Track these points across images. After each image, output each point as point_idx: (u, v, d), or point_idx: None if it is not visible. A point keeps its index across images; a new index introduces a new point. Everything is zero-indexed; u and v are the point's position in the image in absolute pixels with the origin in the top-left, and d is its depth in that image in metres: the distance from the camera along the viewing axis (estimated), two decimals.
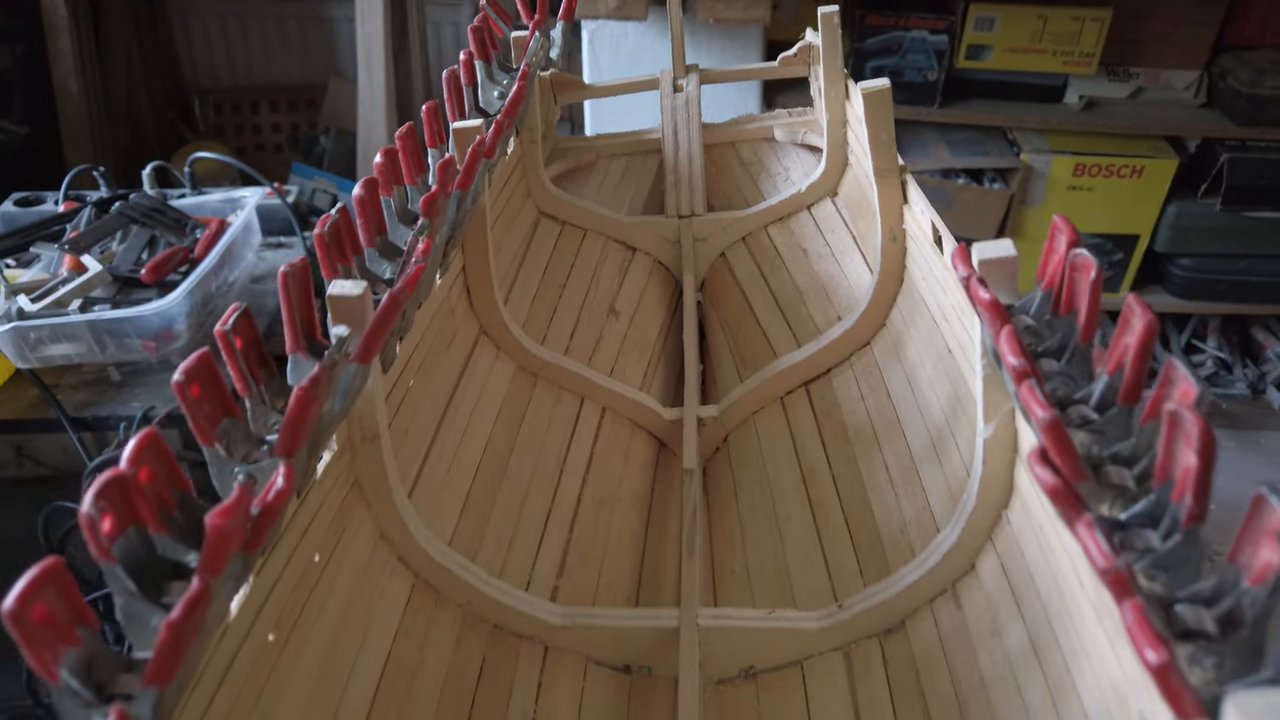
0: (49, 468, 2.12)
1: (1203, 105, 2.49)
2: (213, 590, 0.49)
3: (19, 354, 1.26)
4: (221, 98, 3.21)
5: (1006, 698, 0.74)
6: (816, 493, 1.08)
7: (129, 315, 1.23)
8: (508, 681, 0.88)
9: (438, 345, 1.02)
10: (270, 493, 0.56)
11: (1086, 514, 0.52)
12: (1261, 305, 2.63)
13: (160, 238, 1.41)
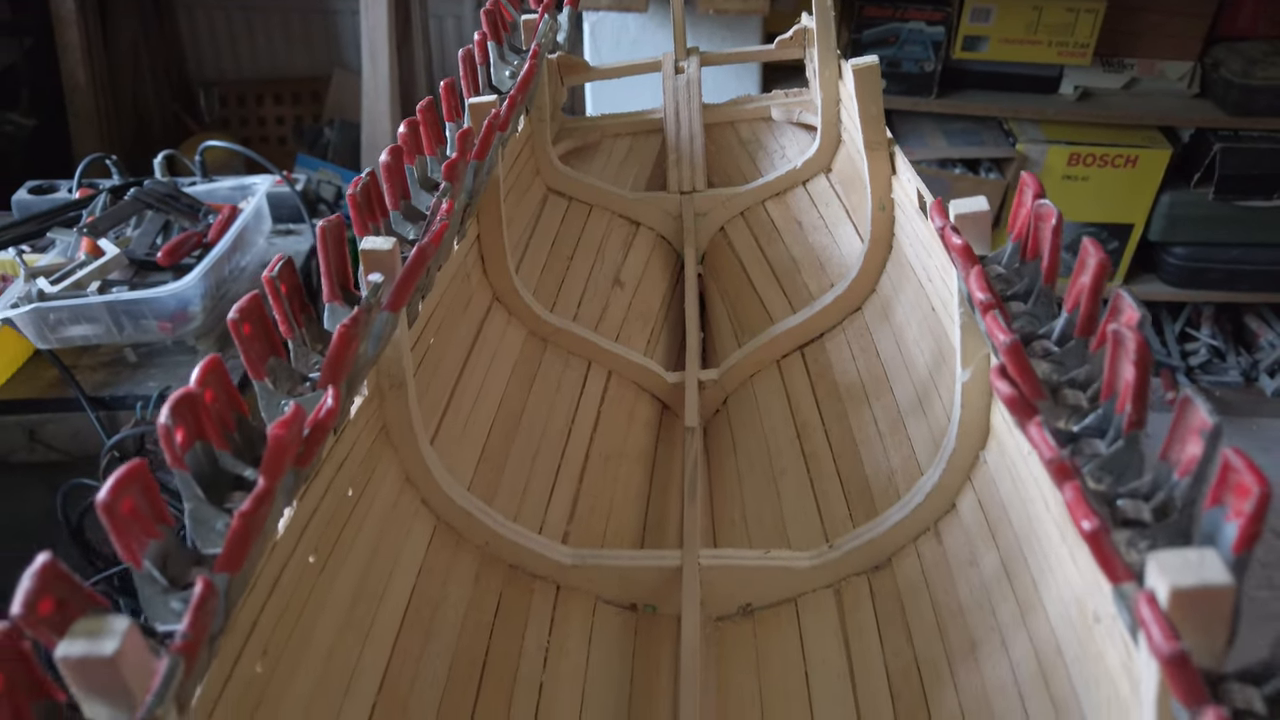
0: (61, 452, 2.15)
1: (1196, 96, 2.53)
2: (274, 492, 0.56)
3: (39, 335, 1.29)
4: (226, 90, 3.24)
5: (982, 618, 0.81)
6: (810, 446, 1.15)
7: (146, 297, 1.27)
8: (523, 617, 0.95)
9: (455, 307, 1.09)
10: (321, 411, 0.63)
11: (1037, 416, 0.60)
12: (1254, 294, 2.66)
13: (174, 223, 1.44)
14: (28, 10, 2.81)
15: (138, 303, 1.28)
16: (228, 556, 0.52)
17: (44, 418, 2.06)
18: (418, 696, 0.81)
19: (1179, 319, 2.82)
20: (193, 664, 0.48)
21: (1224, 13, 2.46)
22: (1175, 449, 0.52)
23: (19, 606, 0.44)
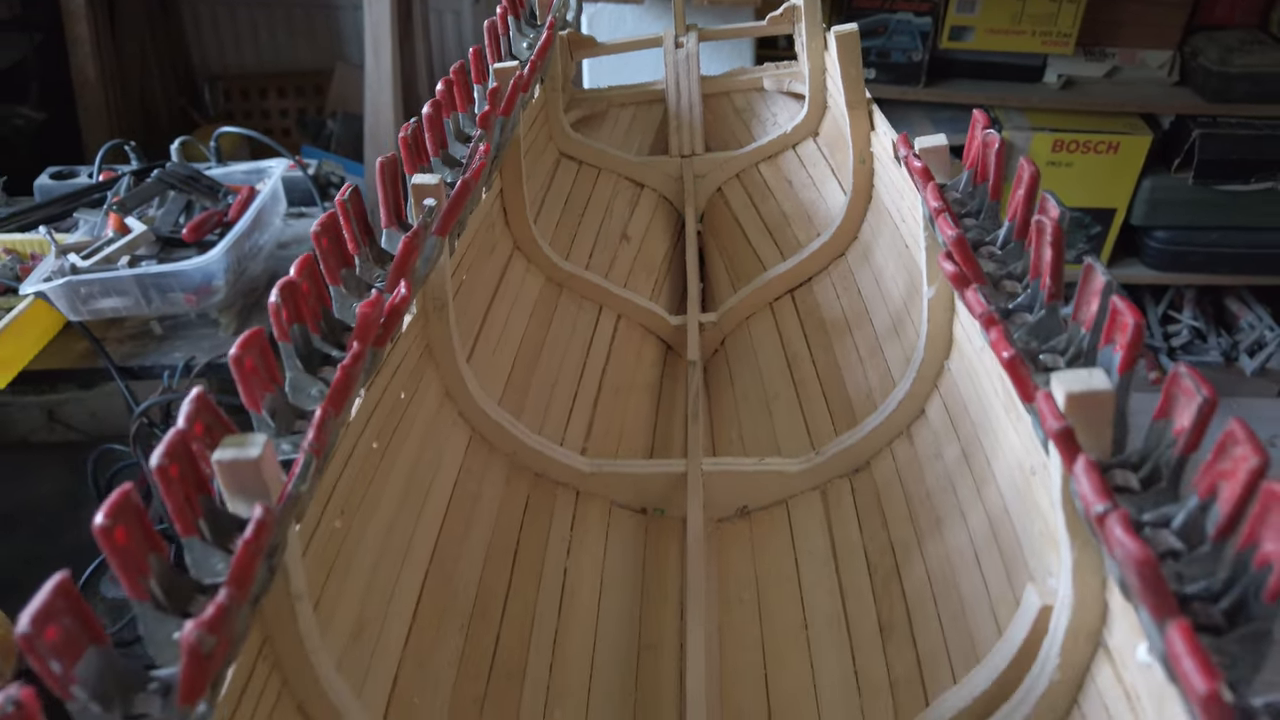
0: (79, 432, 2.22)
1: (1176, 83, 2.60)
2: (364, 358, 0.69)
3: (71, 307, 1.36)
4: (230, 84, 3.31)
5: (945, 499, 0.94)
6: (799, 375, 1.29)
7: (174, 269, 1.34)
8: (547, 517, 1.07)
9: (482, 252, 1.23)
10: (396, 298, 0.76)
11: (973, 285, 0.74)
12: (1233, 276, 2.74)
13: (195, 203, 1.51)
14: (37, 6, 2.87)
15: (165, 276, 1.35)
16: (332, 399, 0.65)
17: (64, 398, 2.13)
18: (461, 569, 0.95)
19: (1162, 302, 2.90)
20: (321, 453, 0.62)
21: (1202, 2, 2.54)
22: (1082, 309, 0.65)
23: (182, 422, 0.55)
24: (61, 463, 2.15)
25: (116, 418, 2.17)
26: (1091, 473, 0.56)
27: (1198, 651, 0.45)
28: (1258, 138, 2.50)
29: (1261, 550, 0.47)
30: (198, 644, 0.47)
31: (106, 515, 0.49)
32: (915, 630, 0.89)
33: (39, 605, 0.45)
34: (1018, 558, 0.79)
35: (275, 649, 0.67)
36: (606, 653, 0.98)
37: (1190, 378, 0.54)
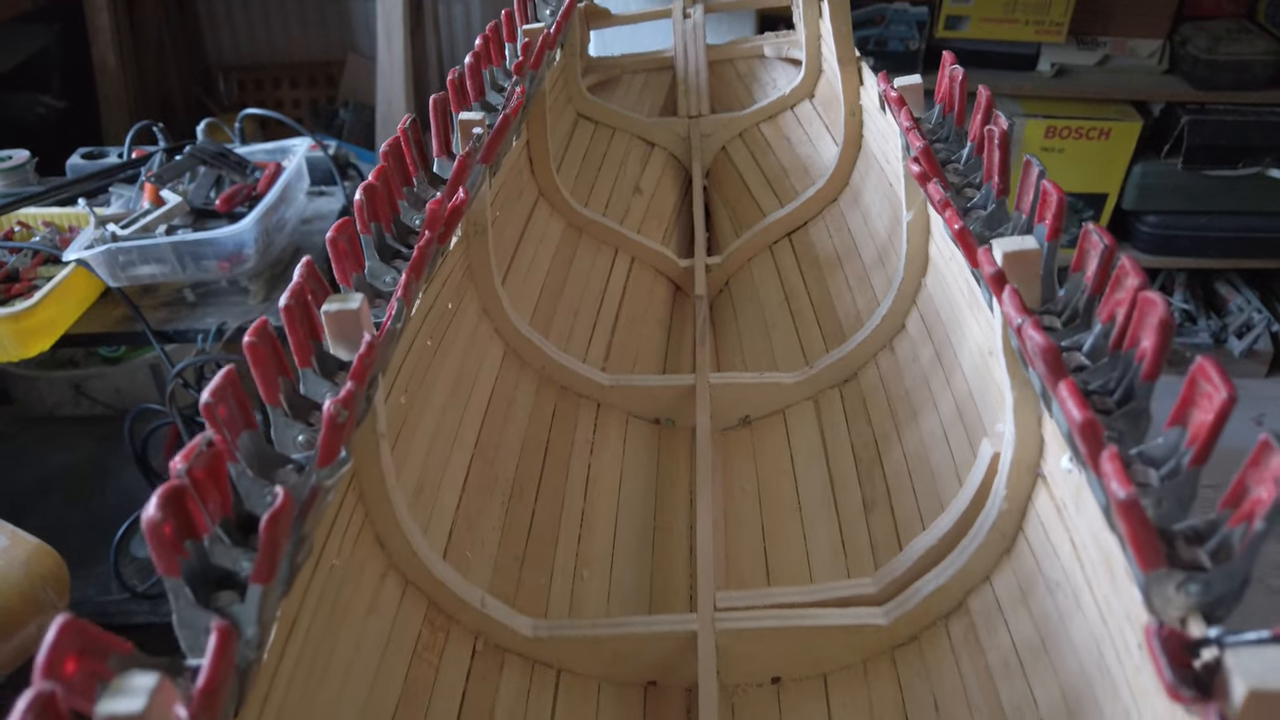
0: (105, 406, 2.30)
1: (1165, 71, 2.68)
2: (434, 240, 0.84)
3: (111, 273, 1.44)
4: (244, 74, 3.39)
5: (920, 394, 1.07)
6: (795, 305, 1.42)
7: (209, 237, 1.42)
8: (572, 424, 1.20)
9: (512, 194, 1.36)
10: (456, 199, 0.92)
11: (933, 180, 0.89)
12: (1221, 259, 2.82)
13: (225, 177, 1.59)
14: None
15: (200, 244, 1.42)
16: (413, 266, 0.82)
17: (89, 372, 2.21)
18: (501, 456, 1.09)
19: (1153, 285, 2.98)
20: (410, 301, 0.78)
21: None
22: (1022, 199, 0.83)
23: (298, 278, 0.70)
24: (88, 434, 2.23)
25: (140, 391, 2.25)
26: (1014, 297, 0.70)
27: (1084, 407, 0.59)
28: (1244, 124, 2.58)
29: (1140, 347, 0.61)
30: (335, 414, 0.64)
31: (251, 334, 0.65)
32: (894, 502, 1.03)
33: (215, 384, 0.60)
34: (978, 426, 0.93)
35: (361, 482, 0.81)
36: (627, 529, 1.11)
37: (1096, 233, 0.67)
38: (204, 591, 0.53)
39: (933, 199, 0.89)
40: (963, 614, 0.85)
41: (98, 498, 2.05)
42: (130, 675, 0.46)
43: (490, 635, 0.91)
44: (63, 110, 3.03)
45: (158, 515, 0.50)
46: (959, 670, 0.82)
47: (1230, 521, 0.52)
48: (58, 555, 1.18)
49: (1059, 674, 0.72)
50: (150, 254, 1.43)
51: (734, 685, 0.92)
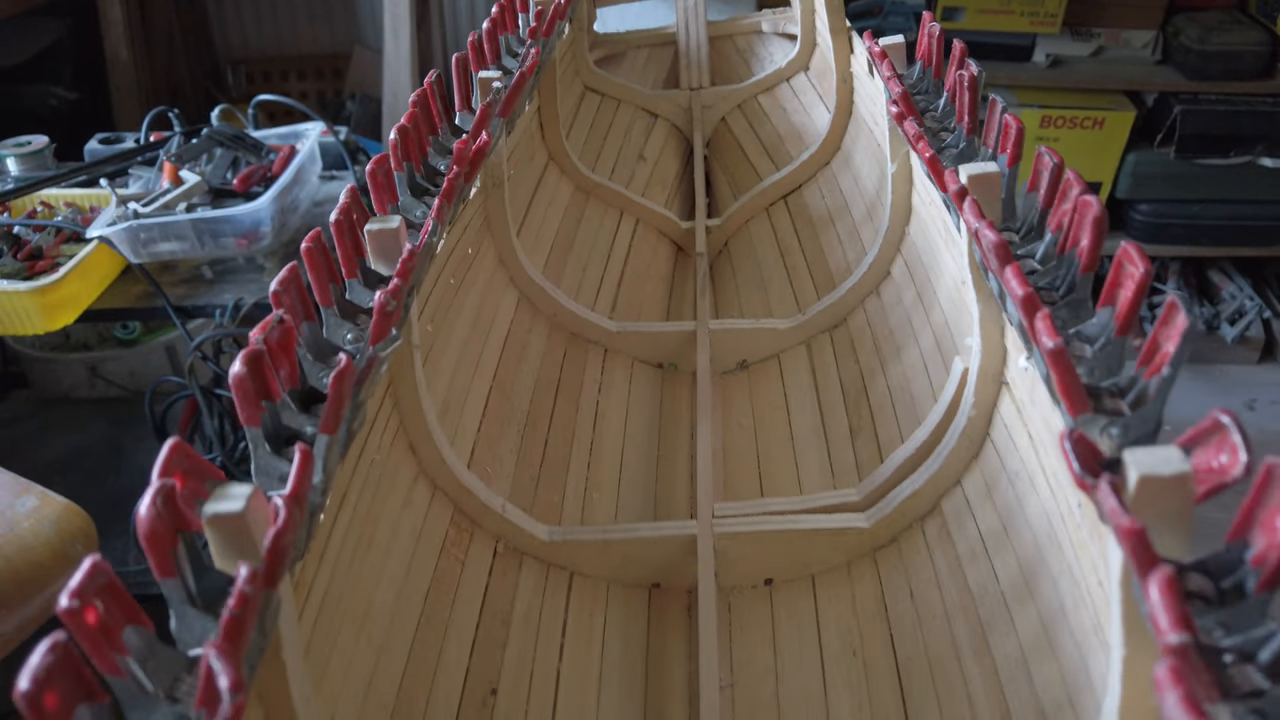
0: (119, 388, 2.35)
1: (1158, 62, 2.73)
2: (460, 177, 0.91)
3: (133, 250, 1.49)
4: (252, 66, 3.44)
5: (903, 331, 1.16)
6: (790, 261, 1.51)
7: (227, 214, 1.47)
8: (581, 367, 1.29)
9: (525, 155, 1.44)
10: (479, 141, 1.00)
11: (909, 118, 0.97)
12: (1214, 248, 2.87)
13: (241, 159, 1.64)
14: None
15: (219, 221, 1.48)
16: (444, 194, 0.90)
17: (105, 355, 2.26)
18: (517, 389, 1.18)
19: None
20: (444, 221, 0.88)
21: None
22: (989, 135, 0.90)
23: (341, 205, 0.77)
24: (103, 416, 2.28)
25: (155, 373, 2.30)
26: (974, 206, 0.78)
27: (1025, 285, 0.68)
28: (1236, 113, 2.63)
29: (1080, 245, 0.69)
30: (385, 303, 0.74)
31: (308, 241, 0.73)
32: (877, 427, 1.12)
33: (282, 276, 0.69)
34: (953, 353, 1.01)
35: (396, 391, 0.89)
36: (632, 458, 1.19)
37: (1046, 154, 0.75)
38: (277, 445, 0.62)
39: (908, 134, 0.98)
40: (936, 515, 0.95)
41: (113, 476, 2.11)
42: (229, 487, 0.54)
43: (510, 539, 1.00)
44: (75, 102, 3.08)
45: (242, 370, 0.59)
46: (932, 563, 0.91)
47: (1145, 375, 0.60)
48: (86, 514, 1.23)
49: (1017, 551, 0.81)
50: (171, 231, 1.48)
51: (730, 586, 1.02)
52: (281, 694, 0.59)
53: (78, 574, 0.46)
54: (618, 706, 0.91)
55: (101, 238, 1.48)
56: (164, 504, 0.50)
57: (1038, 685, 0.73)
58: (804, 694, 0.90)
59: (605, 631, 0.97)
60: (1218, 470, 0.51)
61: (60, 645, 0.42)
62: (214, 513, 0.52)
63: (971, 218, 0.79)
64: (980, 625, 0.82)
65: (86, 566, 0.46)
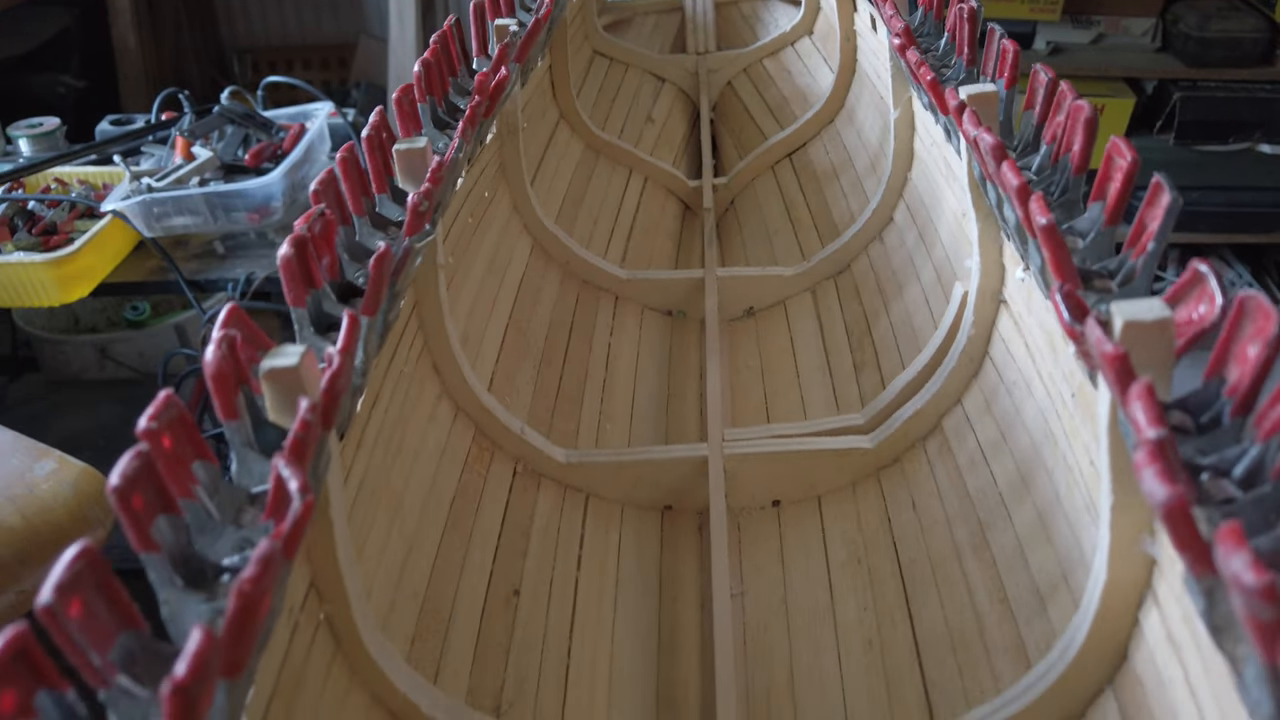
0: (129, 369, 2.37)
1: (1158, 49, 2.75)
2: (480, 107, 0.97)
3: (146, 224, 1.51)
4: (258, 56, 3.46)
5: (906, 272, 1.21)
6: (796, 214, 1.55)
7: (240, 188, 1.49)
8: (593, 314, 1.32)
9: (537, 110, 1.49)
10: (495, 80, 1.04)
11: (911, 47, 1.03)
12: (1212, 234, 2.88)
13: (252, 136, 1.66)
14: None
15: (231, 195, 1.50)
16: (468, 120, 0.96)
17: (115, 337, 2.29)
18: (533, 329, 1.23)
19: None
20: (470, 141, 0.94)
21: None
22: (988, 64, 0.94)
23: (368, 132, 0.81)
24: (113, 396, 2.31)
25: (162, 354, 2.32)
26: (972, 116, 0.82)
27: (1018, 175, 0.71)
28: (1234, 100, 2.65)
29: (1073, 151, 0.73)
30: (418, 203, 0.80)
31: (343, 152, 0.79)
32: (881, 360, 1.16)
33: (322, 178, 0.75)
34: (954, 282, 1.05)
35: (421, 312, 0.93)
36: (644, 394, 1.24)
37: (1042, 70, 0.79)
38: (320, 329, 0.66)
39: (910, 64, 1.02)
40: (937, 433, 0.98)
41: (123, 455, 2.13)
42: (284, 346, 0.59)
43: (529, 461, 1.04)
44: (82, 90, 3.11)
45: (290, 252, 0.65)
46: (934, 477, 0.95)
47: (1133, 255, 0.64)
48: (103, 477, 1.26)
49: (1014, 454, 0.84)
50: (184, 205, 1.50)
51: (740, 508, 1.05)
52: (328, 553, 0.64)
53: (153, 403, 0.50)
54: (634, 611, 0.95)
55: (115, 212, 1.51)
56: (228, 349, 0.55)
57: (1034, 570, 0.77)
58: (811, 599, 0.93)
59: (620, 548, 1.01)
60: (1198, 320, 0.55)
61: (143, 453, 0.46)
62: (271, 367, 0.57)
63: (970, 127, 0.82)
64: (980, 525, 0.86)
65: (160, 396, 0.50)
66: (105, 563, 0.43)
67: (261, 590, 0.45)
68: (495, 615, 0.88)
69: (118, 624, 0.44)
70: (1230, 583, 0.39)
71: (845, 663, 0.86)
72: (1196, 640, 0.54)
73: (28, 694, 0.38)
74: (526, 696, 0.83)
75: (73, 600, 0.42)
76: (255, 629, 0.45)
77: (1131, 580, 0.61)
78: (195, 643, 0.40)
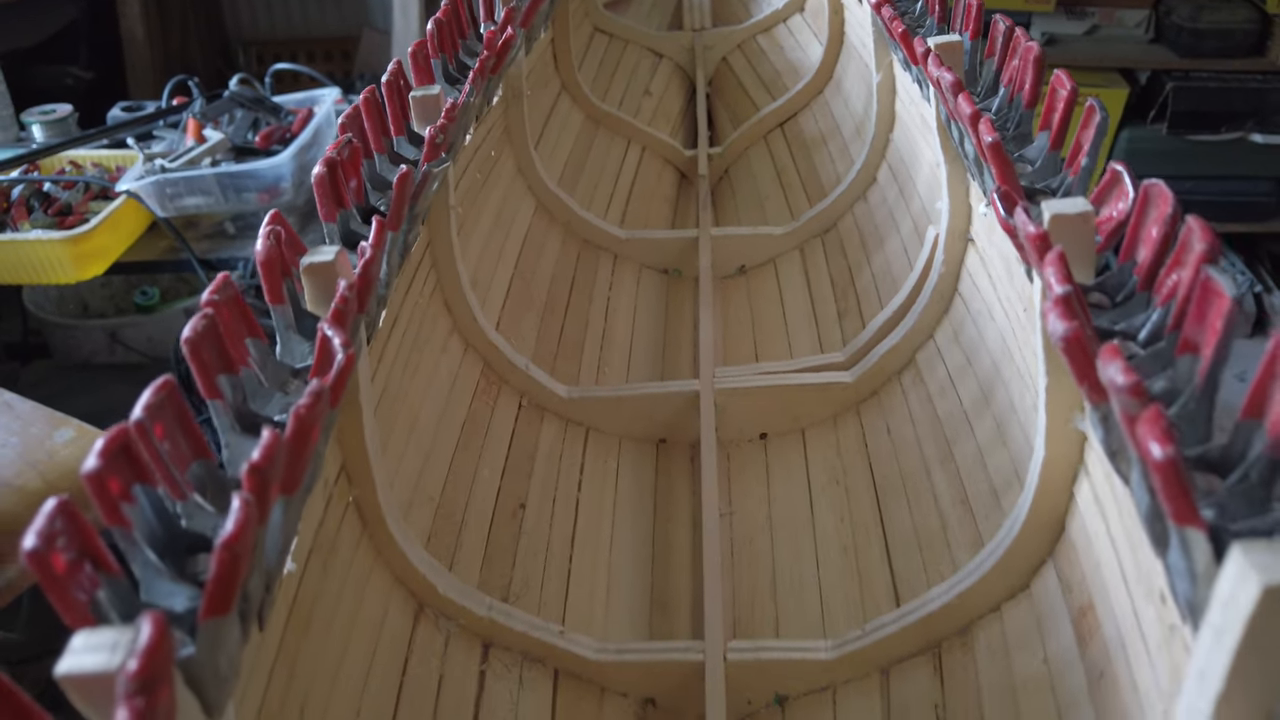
0: (139, 354, 2.41)
1: (1151, 40, 2.79)
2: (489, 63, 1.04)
3: (160, 204, 1.55)
4: (262, 48, 3.50)
5: (887, 225, 1.28)
6: (786, 179, 1.63)
7: (251, 168, 1.53)
8: (593, 272, 1.39)
9: (540, 80, 1.57)
10: (501, 39, 1.11)
11: (892, 11, 1.09)
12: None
13: (261, 120, 1.70)
14: None
15: (242, 175, 1.54)
16: (478, 70, 1.03)
17: (125, 321, 2.33)
18: (537, 279, 1.30)
19: None
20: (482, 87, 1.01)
21: None
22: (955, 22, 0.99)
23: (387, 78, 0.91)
24: (123, 380, 2.34)
25: (172, 340, 2.36)
26: (936, 59, 0.89)
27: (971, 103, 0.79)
28: (1226, 90, 2.69)
29: (1024, 88, 0.83)
30: (435, 136, 0.87)
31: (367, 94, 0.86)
32: (862, 307, 1.23)
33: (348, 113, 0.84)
34: (925, 225, 1.12)
35: (434, 253, 1.00)
36: (640, 342, 1.32)
37: (1000, 20, 0.86)
38: (350, 245, 0.74)
39: (884, 20, 1.09)
40: (911, 367, 1.06)
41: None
42: (321, 246, 0.68)
43: (533, 396, 1.12)
44: (91, 81, 3.15)
45: (323, 171, 0.72)
46: (908, 405, 1.03)
47: (1071, 173, 0.72)
48: None
49: (978, 375, 0.92)
50: (196, 185, 1.54)
51: (729, 440, 1.13)
52: (357, 440, 0.72)
53: (210, 286, 0.57)
54: (630, 528, 1.03)
55: (129, 192, 1.55)
56: (275, 241, 0.64)
57: (991, 472, 0.85)
58: (793, 515, 1.02)
59: (619, 475, 1.10)
60: (1117, 215, 0.63)
61: (208, 315, 0.54)
62: (310, 262, 0.67)
63: (933, 68, 0.89)
64: (946, 441, 0.94)
65: (219, 277, 0.58)
66: (182, 401, 0.52)
67: (313, 417, 0.53)
68: (503, 525, 0.96)
69: (192, 452, 0.52)
70: (1109, 388, 0.46)
71: (823, 567, 0.94)
72: (1115, 494, 0.62)
73: (128, 483, 0.46)
74: (532, 591, 0.90)
75: (156, 422, 0.50)
76: (308, 452, 0.53)
77: (1066, 457, 0.69)
78: (266, 438, 0.49)
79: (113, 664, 0.39)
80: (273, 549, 0.52)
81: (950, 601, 0.77)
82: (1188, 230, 0.55)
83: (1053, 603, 0.70)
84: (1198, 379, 0.51)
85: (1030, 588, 0.74)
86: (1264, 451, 0.44)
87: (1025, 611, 0.73)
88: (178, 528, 0.49)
